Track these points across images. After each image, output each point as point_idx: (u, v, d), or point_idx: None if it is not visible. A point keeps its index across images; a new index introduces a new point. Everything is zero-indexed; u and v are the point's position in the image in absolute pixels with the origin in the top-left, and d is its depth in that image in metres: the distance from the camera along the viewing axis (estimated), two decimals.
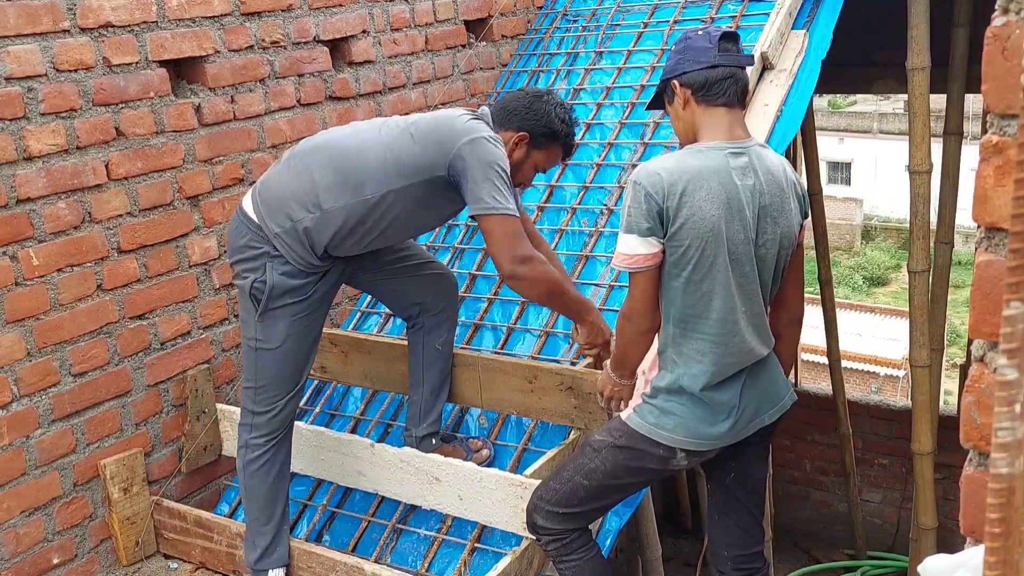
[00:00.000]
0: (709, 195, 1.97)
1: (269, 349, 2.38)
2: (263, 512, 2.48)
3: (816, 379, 11.16)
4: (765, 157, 2.08)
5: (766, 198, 2.04)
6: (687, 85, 2.07)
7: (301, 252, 2.34)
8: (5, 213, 2.36)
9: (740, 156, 2.04)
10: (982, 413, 0.89)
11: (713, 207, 1.97)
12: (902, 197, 6.70)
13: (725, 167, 2.01)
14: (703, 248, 1.99)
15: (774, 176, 2.06)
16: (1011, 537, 0.65)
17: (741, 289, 2.05)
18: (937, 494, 4.49)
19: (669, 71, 2.12)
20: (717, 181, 1.98)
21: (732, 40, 2.08)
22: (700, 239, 1.98)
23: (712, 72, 2.05)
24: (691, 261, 2.01)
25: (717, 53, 2.04)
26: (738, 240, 2.01)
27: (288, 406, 2.47)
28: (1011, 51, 0.81)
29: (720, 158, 2.02)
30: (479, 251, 3.39)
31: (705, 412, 2.11)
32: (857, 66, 5.32)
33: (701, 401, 2.10)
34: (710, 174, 1.99)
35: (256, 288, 2.34)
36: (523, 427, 2.83)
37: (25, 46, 2.36)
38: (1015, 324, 0.63)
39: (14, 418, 2.42)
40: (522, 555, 2.38)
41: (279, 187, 2.36)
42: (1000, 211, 0.85)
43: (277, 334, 2.37)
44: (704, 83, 2.05)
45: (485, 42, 4.03)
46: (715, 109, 2.07)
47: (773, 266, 2.10)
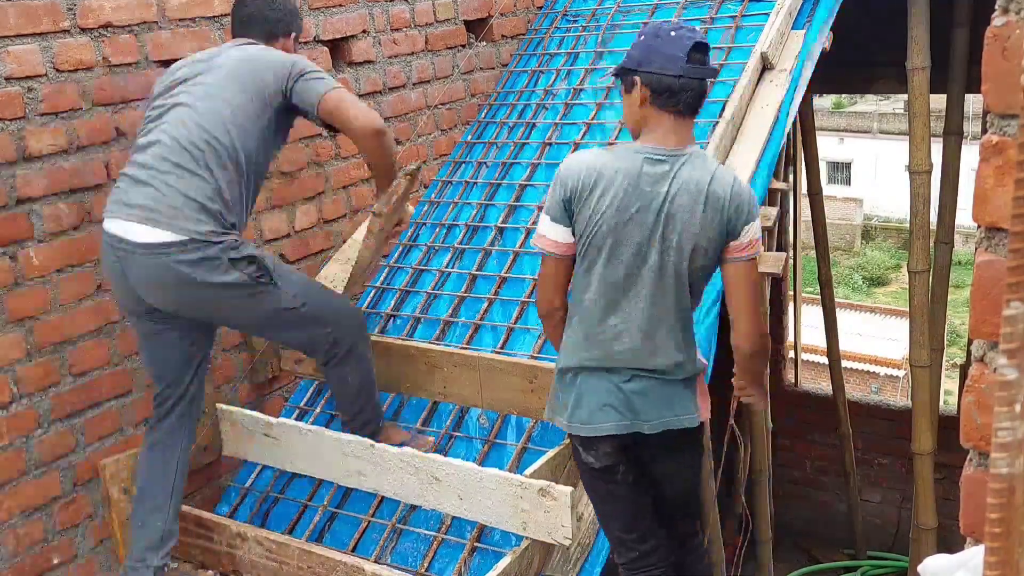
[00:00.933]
0: (611, 195, 2.06)
1: (307, 284, 2.58)
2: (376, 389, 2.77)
3: (816, 379, 11.15)
4: (694, 168, 2.08)
5: (675, 208, 2.06)
6: (647, 86, 2.09)
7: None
8: (5, 213, 2.36)
9: (660, 164, 2.08)
10: (982, 413, 0.89)
11: (610, 208, 2.06)
12: (902, 197, 6.70)
13: (636, 171, 2.07)
14: (590, 243, 2.10)
15: (695, 189, 2.06)
16: (1011, 537, 0.65)
17: (621, 289, 2.11)
18: (937, 494, 4.49)
19: (635, 62, 2.11)
20: (622, 183, 2.06)
21: (702, 51, 2.08)
22: (591, 234, 2.09)
23: (675, 82, 2.05)
24: (582, 252, 2.13)
25: (685, 64, 2.05)
26: (631, 242, 2.08)
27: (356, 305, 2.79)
28: (1011, 51, 0.81)
29: (635, 161, 2.08)
30: (479, 251, 3.39)
31: (567, 396, 2.21)
32: (857, 66, 5.32)
33: (565, 384, 2.22)
34: (619, 176, 2.07)
35: (251, 270, 2.34)
36: (523, 427, 2.83)
37: (25, 46, 2.36)
38: (1015, 324, 0.63)
39: (14, 418, 2.42)
40: (522, 555, 2.38)
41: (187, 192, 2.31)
42: (1000, 211, 0.85)
43: (295, 279, 2.52)
44: (664, 90, 2.07)
45: (485, 42, 4.03)
46: (664, 114, 2.10)
47: (676, 273, 2.10)
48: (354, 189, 3.45)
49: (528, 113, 3.86)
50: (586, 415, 2.19)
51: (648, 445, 2.23)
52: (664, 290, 2.11)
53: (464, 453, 2.84)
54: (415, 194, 3.72)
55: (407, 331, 3.28)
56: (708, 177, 2.08)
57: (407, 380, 2.96)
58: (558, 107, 3.79)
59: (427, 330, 3.27)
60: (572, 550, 2.49)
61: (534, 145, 3.69)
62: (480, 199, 3.60)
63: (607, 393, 2.17)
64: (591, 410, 2.19)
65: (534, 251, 3.29)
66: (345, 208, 3.42)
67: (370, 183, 3.52)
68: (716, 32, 3.70)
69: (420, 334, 3.26)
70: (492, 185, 3.63)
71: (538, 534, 2.36)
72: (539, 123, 3.77)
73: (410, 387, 2.98)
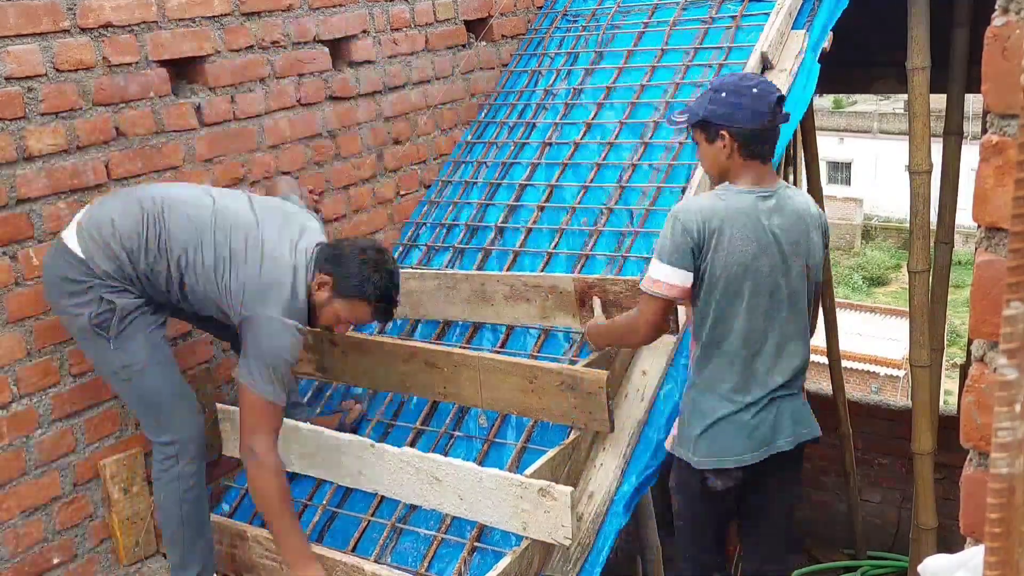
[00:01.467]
0: (741, 235, 2.22)
1: (140, 369, 2.35)
2: (200, 532, 2.53)
3: (816, 379, 11.14)
4: (792, 198, 2.32)
5: (793, 236, 2.28)
6: (736, 138, 2.25)
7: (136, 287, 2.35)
8: (5, 213, 2.36)
9: (768, 199, 2.27)
10: (982, 413, 0.89)
11: (743, 245, 2.22)
12: (902, 197, 6.69)
13: (755, 209, 2.24)
14: (728, 280, 2.24)
15: (799, 215, 2.30)
16: (1011, 537, 0.65)
17: (763, 318, 2.28)
18: (937, 494, 4.49)
19: (719, 117, 2.25)
20: (747, 221, 2.23)
21: (781, 103, 2.27)
22: (728, 271, 2.23)
23: (762, 132, 2.25)
24: (718, 291, 2.25)
25: (770, 118, 2.23)
26: (765, 273, 2.25)
27: (200, 418, 2.50)
28: (1011, 51, 0.81)
29: (751, 201, 2.25)
30: (479, 251, 3.39)
31: (722, 431, 2.33)
32: (857, 66, 5.32)
33: (719, 419, 2.32)
34: (741, 215, 2.23)
35: (100, 318, 2.29)
36: (523, 427, 2.83)
37: (25, 46, 2.36)
38: (1015, 324, 0.63)
39: (14, 418, 2.42)
40: (522, 555, 2.38)
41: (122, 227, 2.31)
42: (1000, 211, 0.85)
43: (139, 351, 2.34)
44: (752, 141, 2.25)
45: (485, 42, 4.03)
46: (752, 163, 2.28)
47: (804, 294, 2.34)
48: (354, 189, 3.45)
49: (528, 113, 3.86)
50: (737, 450, 2.34)
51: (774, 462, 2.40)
52: (796, 313, 2.34)
53: (464, 453, 2.84)
54: (415, 193, 3.73)
55: (407, 331, 3.28)
56: (805, 204, 2.33)
57: (407, 380, 2.96)
58: (558, 107, 3.79)
59: (427, 330, 3.27)
60: (572, 550, 2.50)
61: (534, 145, 3.69)
62: (480, 199, 3.60)
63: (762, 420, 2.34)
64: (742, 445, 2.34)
65: (533, 251, 3.30)
66: (344, 208, 3.42)
67: (370, 183, 3.52)
68: (716, 32, 3.70)
69: (420, 334, 3.26)
70: (492, 185, 3.63)
71: (538, 534, 2.36)
72: (539, 123, 3.77)
73: (410, 387, 2.98)
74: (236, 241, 2.35)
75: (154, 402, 2.41)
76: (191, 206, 2.38)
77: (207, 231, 2.35)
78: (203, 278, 2.35)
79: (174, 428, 2.44)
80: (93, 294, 2.30)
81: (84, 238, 2.30)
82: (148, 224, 2.33)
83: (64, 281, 2.31)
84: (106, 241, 2.30)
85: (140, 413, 2.47)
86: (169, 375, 2.42)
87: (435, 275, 3.14)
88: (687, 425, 2.39)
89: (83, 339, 2.37)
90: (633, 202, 3.27)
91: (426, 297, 3.14)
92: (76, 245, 2.30)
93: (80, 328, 2.33)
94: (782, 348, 2.33)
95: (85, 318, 2.30)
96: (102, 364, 2.39)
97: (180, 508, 2.48)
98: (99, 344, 2.33)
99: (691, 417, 2.37)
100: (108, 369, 2.39)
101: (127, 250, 2.31)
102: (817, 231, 2.34)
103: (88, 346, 2.38)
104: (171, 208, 2.36)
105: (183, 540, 2.51)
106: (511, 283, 2.98)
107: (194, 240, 2.34)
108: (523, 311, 2.98)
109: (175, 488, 2.47)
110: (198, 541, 2.54)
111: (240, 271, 2.32)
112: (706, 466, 2.36)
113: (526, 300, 2.96)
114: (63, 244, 2.33)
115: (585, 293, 2.84)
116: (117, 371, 2.36)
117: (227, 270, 2.33)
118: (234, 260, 2.33)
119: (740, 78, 2.32)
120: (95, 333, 2.31)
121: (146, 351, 2.35)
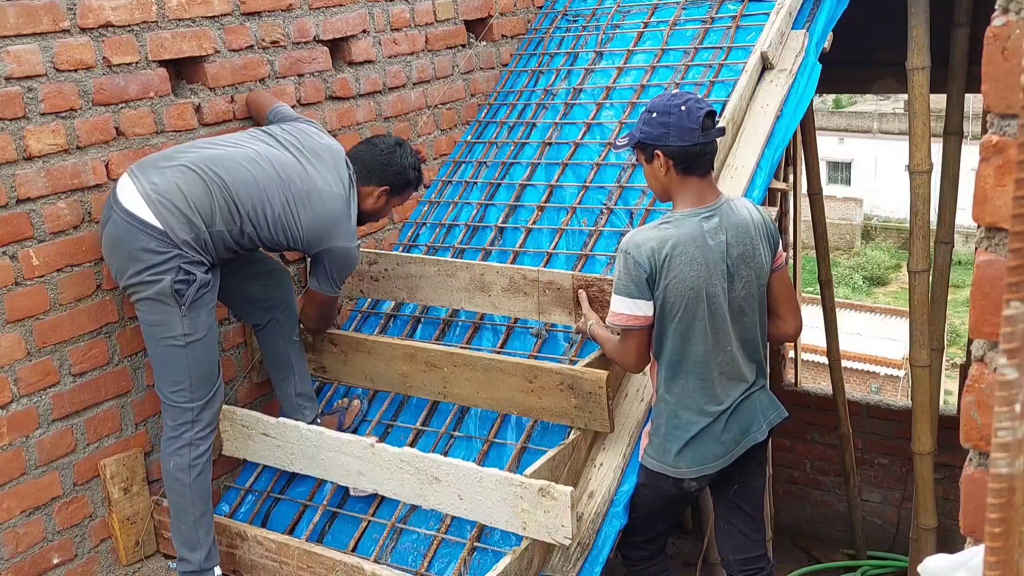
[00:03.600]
0: (690, 260, 2.32)
1: (199, 339, 2.49)
2: (207, 507, 2.60)
3: (816, 379, 11.15)
4: (734, 211, 2.42)
5: (738, 249, 2.39)
6: (670, 156, 2.35)
7: (208, 252, 2.50)
8: (5, 213, 2.36)
9: (711, 218, 2.38)
10: (982, 413, 0.89)
11: (692, 269, 2.33)
12: (902, 197, 6.70)
13: (700, 232, 2.35)
14: (685, 304, 2.35)
15: (743, 227, 2.41)
16: (1011, 537, 0.65)
17: (720, 332, 2.40)
18: (937, 494, 4.49)
19: (652, 138, 2.36)
20: (694, 246, 2.33)
21: (711, 117, 2.36)
22: (682, 297, 2.34)
23: (693, 149, 2.34)
24: (676, 314, 2.36)
25: (700, 134, 2.32)
26: (717, 293, 2.37)
27: (221, 392, 2.63)
28: (1011, 51, 0.81)
29: (695, 225, 2.36)
30: (479, 251, 3.39)
31: (699, 442, 2.45)
32: (857, 66, 5.32)
33: (696, 433, 2.44)
34: (688, 240, 2.33)
35: (178, 285, 2.42)
36: (523, 427, 2.83)
37: (25, 46, 2.36)
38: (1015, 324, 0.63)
39: (14, 418, 2.42)
40: (522, 555, 2.38)
41: (192, 195, 2.46)
42: (1000, 211, 0.85)
43: (202, 324, 2.50)
44: (685, 158, 2.35)
45: (485, 42, 4.03)
46: (690, 178, 2.38)
47: (755, 300, 2.46)
48: None
49: (528, 113, 3.86)
50: (715, 456, 2.47)
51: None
52: (751, 316, 2.46)
53: (464, 453, 2.84)
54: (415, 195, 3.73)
55: (407, 331, 3.28)
56: (747, 214, 2.43)
57: (407, 380, 2.96)
58: (558, 107, 3.79)
59: (427, 330, 3.27)
60: (572, 550, 2.50)
61: (534, 145, 3.69)
62: (480, 199, 3.60)
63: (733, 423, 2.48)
64: (725, 445, 2.48)
65: (533, 251, 3.30)
66: None
67: None
68: (716, 32, 3.70)
69: (420, 334, 3.26)
70: (492, 185, 3.63)
71: (538, 534, 2.36)
72: (539, 123, 3.77)
73: (410, 387, 2.98)
74: (293, 187, 2.59)
75: (196, 371, 2.52)
76: (244, 165, 2.55)
77: (268, 185, 2.56)
78: (272, 228, 2.57)
79: (201, 397, 2.54)
80: (173, 263, 2.42)
81: (159, 210, 2.40)
82: (214, 191, 2.48)
83: (144, 252, 2.40)
84: (181, 211, 2.43)
85: (176, 377, 2.52)
86: (215, 351, 2.59)
87: (435, 261, 3.16)
88: (664, 439, 2.49)
89: (154, 302, 2.44)
90: (633, 202, 3.28)
91: (424, 282, 3.15)
92: (153, 218, 2.39)
93: (159, 291, 2.42)
94: (743, 352, 2.47)
95: (167, 283, 2.41)
96: (163, 329, 2.47)
97: (189, 475, 2.54)
98: (169, 310, 2.44)
99: (667, 432, 2.48)
100: (167, 334, 2.47)
101: (202, 216, 2.46)
102: (764, 239, 2.45)
103: (156, 309, 2.45)
104: (228, 171, 2.52)
105: (192, 517, 2.56)
106: (510, 275, 2.99)
107: (258, 195, 2.54)
108: (520, 304, 2.99)
109: (186, 454, 2.54)
110: (203, 521, 2.58)
111: (303, 214, 2.60)
112: (688, 476, 2.48)
113: (524, 294, 2.97)
114: (136, 218, 2.39)
115: (581, 290, 2.85)
116: (176, 336, 2.47)
117: (292, 216, 2.59)
118: (298, 205, 2.59)
119: (670, 97, 2.40)
120: (172, 298, 2.43)
121: (206, 325, 2.51)
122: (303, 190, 2.60)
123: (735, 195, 2.67)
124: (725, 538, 2.76)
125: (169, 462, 2.55)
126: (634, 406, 2.78)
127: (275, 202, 2.56)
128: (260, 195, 2.54)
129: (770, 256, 2.48)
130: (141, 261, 2.40)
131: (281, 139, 2.69)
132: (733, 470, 2.56)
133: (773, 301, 2.54)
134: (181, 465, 2.53)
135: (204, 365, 2.52)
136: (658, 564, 2.84)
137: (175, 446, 2.53)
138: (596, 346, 2.76)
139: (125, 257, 2.42)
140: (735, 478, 2.63)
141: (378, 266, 3.25)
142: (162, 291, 2.41)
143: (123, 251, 2.42)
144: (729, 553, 2.75)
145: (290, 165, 2.62)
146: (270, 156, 2.61)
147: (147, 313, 2.46)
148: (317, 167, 2.66)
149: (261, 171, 2.56)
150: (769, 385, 2.71)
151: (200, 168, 2.48)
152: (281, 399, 2.96)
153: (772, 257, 2.49)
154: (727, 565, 2.79)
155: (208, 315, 2.52)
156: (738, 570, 2.74)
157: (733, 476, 2.61)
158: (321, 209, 2.62)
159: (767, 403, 2.58)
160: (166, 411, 2.55)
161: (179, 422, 2.53)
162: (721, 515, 2.78)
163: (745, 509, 2.71)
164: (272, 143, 2.67)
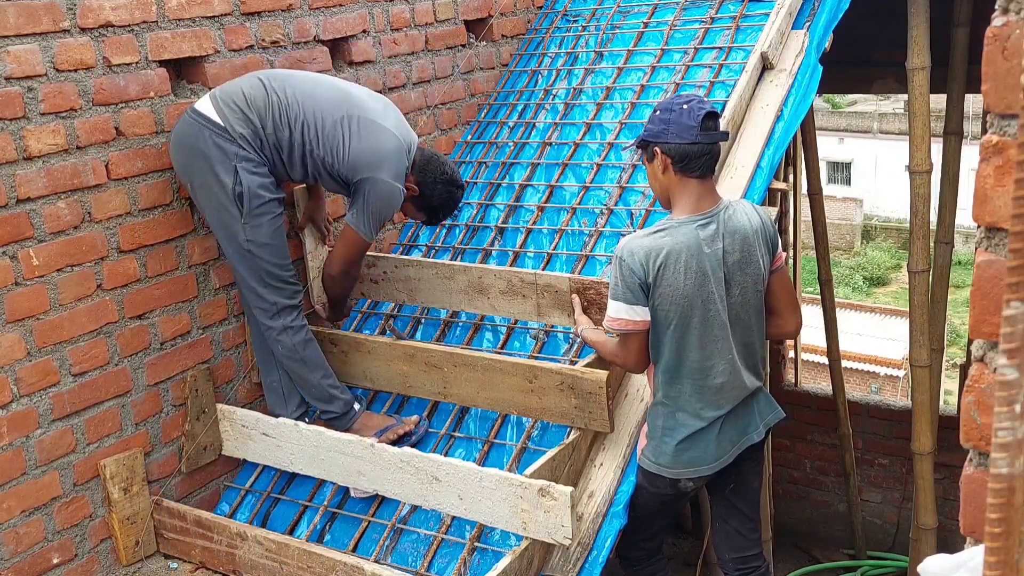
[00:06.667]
0: (684, 268, 2.32)
1: (263, 245, 2.67)
2: (326, 369, 2.87)
3: (816, 379, 11.15)
4: (733, 216, 2.40)
5: (735, 256, 2.38)
6: (668, 154, 2.35)
7: (265, 153, 2.67)
8: (5, 213, 2.36)
9: (708, 226, 2.36)
10: (982, 413, 0.89)
11: (686, 278, 2.32)
12: (902, 197, 6.70)
13: (696, 240, 2.33)
14: (680, 313, 2.35)
15: (740, 233, 2.39)
16: (1011, 537, 0.65)
17: (717, 339, 2.40)
18: (937, 494, 4.49)
19: (653, 135, 2.38)
20: (689, 255, 2.32)
21: (713, 118, 2.35)
22: (677, 306, 2.34)
23: (692, 148, 2.32)
24: (671, 322, 2.36)
25: (699, 132, 2.31)
26: (713, 300, 2.36)
27: (299, 293, 2.81)
28: (1011, 51, 0.81)
29: (691, 232, 2.34)
30: (479, 251, 3.39)
31: (695, 443, 2.46)
32: (857, 66, 5.32)
33: (691, 434, 2.45)
34: (683, 249, 2.32)
35: (237, 191, 2.60)
36: (523, 427, 2.83)
37: (25, 46, 2.36)
38: (1015, 324, 0.63)
39: (14, 418, 2.42)
40: (522, 555, 2.38)
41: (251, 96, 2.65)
42: (1000, 211, 0.85)
43: (264, 233, 2.67)
44: (684, 157, 2.34)
45: (485, 42, 4.03)
46: (689, 180, 2.37)
47: (753, 305, 2.46)
48: None
49: (528, 113, 3.86)
50: (712, 457, 2.49)
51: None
52: (749, 321, 2.46)
53: (464, 453, 2.84)
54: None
55: (408, 331, 3.28)
56: (746, 219, 2.41)
57: (407, 380, 2.96)
58: (558, 107, 3.79)
59: (428, 330, 3.27)
60: (572, 550, 2.50)
61: (534, 145, 3.69)
62: (480, 199, 3.60)
63: (730, 425, 2.50)
64: (721, 447, 2.50)
65: (533, 251, 3.30)
66: (344, 208, 3.41)
67: None
68: (716, 32, 3.70)
69: (421, 334, 3.26)
70: (492, 185, 3.63)
71: (538, 534, 2.36)
72: (539, 123, 3.77)
73: (410, 387, 2.98)
74: (352, 111, 2.72)
75: (270, 272, 2.71)
76: (309, 83, 2.75)
77: (326, 102, 2.71)
78: (323, 143, 2.69)
79: (281, 294, 2.75)
80: (232, 162, 2.59)
81: (220, 107, 2.61)
82: (272, 94, 2.66)
83: (205, 145, 2.58)
84: (240, 108, 2.62)
85: (253, 280, 2.72)
86: (286, 254, 2.76)
87: (433, 264, 3.16)
88: (661, 440, 2.49)
89: (220, 209, 2.63)
90: (633, 202, 3.28)
91: (424, 285, 3.16)
92: (214, 114, 2.60)
93: (226, 196, 2.60)
94: (742, 357, 2.46)
95: (230, 187, 2.59)
96: (231, 236, 2.67)
97: (298, 352, 2.79)
98: (233, 216, 2.63)
99: (664, 433, 2.48)
100: (236, 240, 2.66)
101: (258, 114, 2.64)
102: (763, 244, 2.45)
103: (223, 216, 2.64)
104: (290, 84, 2.71)
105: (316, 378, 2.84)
106: (508, 278, 2.99)
107: (313, 109, 2.68)
108: (518, 307, 2.99)
109: (286, 339, 2.78)
110: (326, 380, 2.87)
111: (353, 140, 2.70)
112: (684, 476, 2.49)
113: (522, 296, 2.97)
114: (201, 114, 2.60)
115: (578, 294, 2.85)
116: (243, 243, 2.66)
117: (342, 135, 2.70)
118: (351, 127, 2.71)
119: (675, 97, 2.42)
120: (234, 203, 2.61)
121: (270, 232, 2.68)
122: (362, 118, 2.71)
123: (735, 197, 2.66)
124: (721, 537, 2.78)
125: (276, 348, 2.80)
126: (634, 406, 2.78)
127: (328, 118, 2.68)
128: (315, 108, 2.68)
129: (768, 260, 2.48)
130: (203, 156, 2.57)
131: (359, 86, 2.90)
132: (730, 470, 2.57)
133: (773, 300, 2.55)
134: (288, 345, 2.77)
135: (275, 268, 2.71)
136: (655, 564, 2.86)
137: (273, 335, 2.77)
138: None
139: (188, 153, 2.60)
140: (732, 478, 2.64)
141: (377, 269, 3.25)
142: (223, 193, 2.58)
143: (187, 147, 2.60)
144: (725, 552, 2.78)
145: (359, 96, 2.78)
146: (341, 84, 2.83)
147: (212, 214, 2.65)
148: (387, 111, 2.81)
149: (324, 90, 2.73)
150: (769, 385, 2.72)
151: (266, 78, 2.70)
152: (264, 390, 3.02)
153: (771, 260, 2.49)
154: (723, 564, 2.81)
155: (270, 225, 2.67)
156: (733, 569, 2.76)
157: (730, 476, 2.62)
158: (374, 141, 2.72)
159: (764, 404, 2.59)
160: (250, 308, 2.81)
161: (267, 317, 2.76)
162: (718, 515, 2.79)
163: (741, 509, 2.73)
164: (350, 82, 2.89)
